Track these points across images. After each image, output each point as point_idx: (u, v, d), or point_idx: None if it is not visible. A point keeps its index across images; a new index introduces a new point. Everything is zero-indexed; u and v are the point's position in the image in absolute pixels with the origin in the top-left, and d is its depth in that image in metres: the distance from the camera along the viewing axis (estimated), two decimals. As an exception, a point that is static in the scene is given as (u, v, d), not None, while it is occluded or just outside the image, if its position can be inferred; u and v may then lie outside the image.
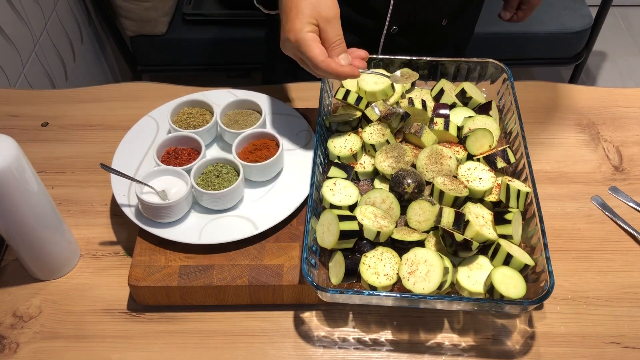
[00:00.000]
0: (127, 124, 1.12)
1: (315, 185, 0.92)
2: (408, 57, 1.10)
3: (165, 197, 0.94)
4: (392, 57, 1.10)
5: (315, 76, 0.95)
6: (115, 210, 1.04)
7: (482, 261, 0.87)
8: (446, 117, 1.03)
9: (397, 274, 0.84)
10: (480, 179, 0.94)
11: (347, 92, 1.05)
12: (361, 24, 1.25)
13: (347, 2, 1.23)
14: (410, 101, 1.04)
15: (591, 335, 0.89)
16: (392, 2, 1.18)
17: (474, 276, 0.85)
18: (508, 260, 0.84)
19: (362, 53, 0.97)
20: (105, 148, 1.13)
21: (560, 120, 1.20)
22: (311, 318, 0.91)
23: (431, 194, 0.94)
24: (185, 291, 0.90)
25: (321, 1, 0.91)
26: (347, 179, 0.96)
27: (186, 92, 1.21)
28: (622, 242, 1.01)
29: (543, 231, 0.85)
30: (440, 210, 0.88)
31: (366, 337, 0.89)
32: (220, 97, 1.14)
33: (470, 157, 1.00)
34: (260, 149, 1.02)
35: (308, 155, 1.05)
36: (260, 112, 1.09)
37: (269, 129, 1.06)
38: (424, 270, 0.83)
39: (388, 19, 1.21)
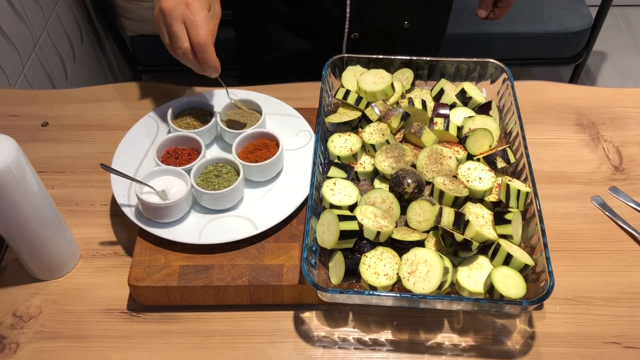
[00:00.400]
0: (127, 124, 1.12)
1: (315, 185, 0.92)
2: (408, 57, 1.10)
3: (165, 197, 0.94)
4: (392, 57, 1.10)
5: (177, 50, 0.94)
6: (115, 210, 1.04)
7: (482, 261, 0.87)
8: (446, 117, 1.03)
9: (397, 274, 0.84)
10: (480, 179, 0.94)
11: (347, 92, 1.05)
12: (321, 32, 1.25)
13: (304, 12, 1.23)
14: (410, 101, 1.05)
15: (591, 335, 0.89)
16: (348, 10, 1.18)
17: (474, 276, 0.85)
18: (508, 260, 0.84)
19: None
20: (105, 148, 1.13)
21: (560, 120, 1.20)
22: (311, 318, 0.91)
23: (431, 194, 0.94)
24: (185, 291, 0.90)
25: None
26: (347, 179, 0.96)
27: (186, 92, 1.21)
28: (622, 242, 1.01)
29: (543, 231, 0.85)
30: (440, 210, 0.88)
31: (366, 337, 0.89)
32: (220, 97, 1.14)
33: (470, 157, 1.00)
34: (260, 149, 1.02)
35: (308, 155, 1.05)
36: (260, 112, 1.09)
37: (269, 129, 1.06)
38: (424, 270, 0.83)
39: (347, 26, 1.21)
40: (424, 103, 1.04)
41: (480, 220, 0.88)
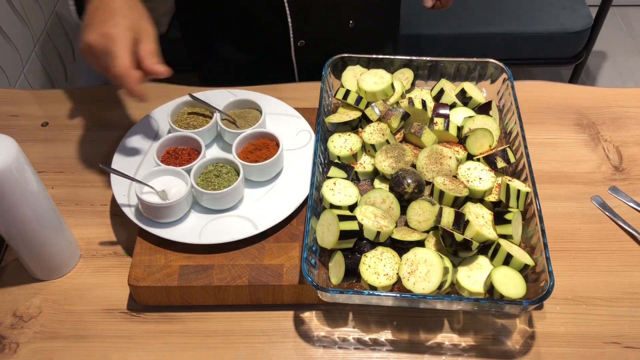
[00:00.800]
0: (127, 124, 1.12)
1: (315, 185, 0.92)
2: (408, 57, 1.10)
3: (165, 197, 0.94)
4: (392, 57, 1.10)
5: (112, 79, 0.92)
6: (115, 210, 1.04)
7: (482, 261, 0.87)
8: (446, 117, 1.03)
9: (397, 274, 0.84)
10: (480, 179, 0.94)
11: (347, 92, 1.05)
12: (267, 42, 1.25)
13: (246, 24, 1.23)
14: (410, 101, 1.05)
15: (591, 335, 0.89)
16: (289, 19, 1.18)
17: (474, 276, 0.85)
18: (508, 260, 0.84)
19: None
20: (105, 148, 1.13)
21: (560, 120, 1.20)
22: (311, 318, 0.91)
23: (431, 194, 0.94)
24: (185, 291, 0.90)
25: (143, 20, 0.91)
26: (347, 179, 0.96)
27: (186, 92, 1.21)
28: (622, 242, 1.01)
29: (543, 231, 0.85)
30: (440, 210, 0.88)
31: (366, 337, 0.89)
32: (220, 97, 1.14)
33: (470, 157, 1.00)
34: (260, 149, 1.02)
35: (308, 155, 1.05)
36: (260, 112, 1.09)
37: (269, 129, 1.06)
38: (424, 270, 0.83)
39: (292, 35, 1.21)
40: (424, 103, 1.04)
41: (480, 220, 0.88)
